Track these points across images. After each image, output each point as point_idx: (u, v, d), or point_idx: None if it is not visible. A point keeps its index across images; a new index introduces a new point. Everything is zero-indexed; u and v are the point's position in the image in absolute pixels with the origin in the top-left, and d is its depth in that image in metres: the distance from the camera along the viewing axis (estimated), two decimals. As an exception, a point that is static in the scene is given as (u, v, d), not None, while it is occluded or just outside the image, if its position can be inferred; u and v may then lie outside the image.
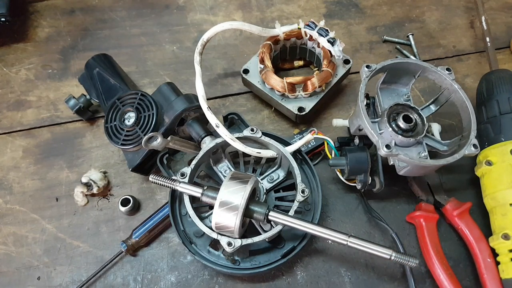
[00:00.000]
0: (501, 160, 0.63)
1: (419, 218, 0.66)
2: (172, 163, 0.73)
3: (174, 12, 0.95)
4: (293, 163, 0.62)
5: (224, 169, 0.67)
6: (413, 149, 0.61)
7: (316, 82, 0.71)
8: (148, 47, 0.90)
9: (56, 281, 0.67)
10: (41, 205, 0.73)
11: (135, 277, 0.67)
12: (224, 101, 0.83)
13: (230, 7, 0.95)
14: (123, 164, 0.76)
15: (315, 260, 0.67)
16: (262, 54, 0.74)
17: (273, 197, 0.66)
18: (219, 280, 0.66)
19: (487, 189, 0.64)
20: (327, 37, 0.72)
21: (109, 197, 0.73)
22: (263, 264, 0.62)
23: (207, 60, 0.87)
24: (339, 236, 0.54)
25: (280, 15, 0.93)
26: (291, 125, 0.79)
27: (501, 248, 0.60)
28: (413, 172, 0.61)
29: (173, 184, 0.59)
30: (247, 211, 0.56)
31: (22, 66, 0.88)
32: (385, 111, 0.62)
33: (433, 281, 0.62)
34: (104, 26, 0.93)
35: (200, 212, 0.62)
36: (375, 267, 0.66)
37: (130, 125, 0.68)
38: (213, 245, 0.63)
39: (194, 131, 0.68)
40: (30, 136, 0.80)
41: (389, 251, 0.53)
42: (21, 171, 0.76)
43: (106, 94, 0.74)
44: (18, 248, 0.69)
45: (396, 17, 0.92)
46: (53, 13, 0.95)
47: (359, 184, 0.65)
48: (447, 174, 0.71)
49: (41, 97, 0.84)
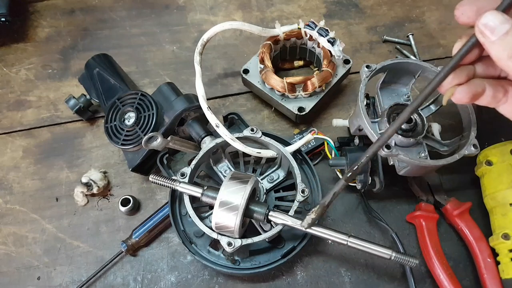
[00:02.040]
0: (501, 160, 0.63)
1: (419, 218, 0.66)
2: (172, 163, 0.73)
3: (174, 12, 0.95)
4: (293, 163, 0.62)
5: (224, 169, 0.67)
6: (413, 149, 0.61)
7: (316, 82, 0.71)
8: (148, 47, 0.90)
9: (56, 281, 0.67)
10: (41, 205, 0.73)
11: (135, 277, 0.67)
12: (224, 101, 0.83)
13: (230, 7, 0.95)
14: (123, 164, 0.76)
15: (315, 260, 0.67)
16: (262, 54, 0.74)
17: (273, 197, 0.66)
18: (219, 280, 0.66)
19: (487, 189, 0.64)
20: (327, 37, 0.72)
21: (109, 197, 0.73)
22: (263, 264, 0.62)
23: (207, 60, 0.87)
24: (339, 236, 0.54)
25: (280, 15, 0.93)
26: (291, 125, 0.79)
27: (501, 248, 0.60)
28: (413, 172, 0.61)
29: (173, 184, 0.59)
30: (247, 211, 0.56)
31: (22, 66, 0.88)
32: (385, 111, 0.62)
33: (433, 281, 0.62)
34: (104, 26, 0.93)
35: (200, 212, 0.62)
36: (375, 267, 0.66)
37: (130, 125, 0.68)
38: (213, 245, 0.63)
39: (194, 131, 0.68)
40: (30, 136, 0.80)
41: (389, 251, 0.53)
42: (21, 171, 0.76)
43: (106, 94, 0.74)
44: (18, 248, 0.69)
45: (396, 17, 0.92)
46: (53, 13, 0.95)
47: (359, 184, 0.65)
48: (447, 174, 0.71)
49: (41, 97, 0.84)
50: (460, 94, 0.42)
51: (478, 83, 0.43)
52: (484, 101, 0.43)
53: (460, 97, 0.42)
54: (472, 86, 0.42)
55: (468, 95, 0.42)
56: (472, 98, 0.42)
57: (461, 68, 0.43)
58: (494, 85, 0.43)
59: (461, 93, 0.42)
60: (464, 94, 0.42)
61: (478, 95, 0.42)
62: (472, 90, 0.42)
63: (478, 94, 0.42)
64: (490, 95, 0.42)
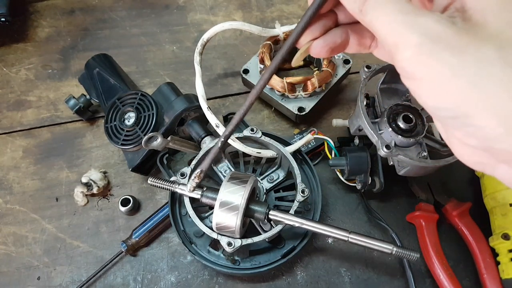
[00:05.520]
0: (501, 160, 0.63)
1: (419, 218, 0.66)
2: (172, 163, 0.73)
3: (174, 12, 0.95)
4: (293, 163, 0.62)
5: (224, 169, 0.67)
6: (413, 149, 0.61)
7: (316, 82, 0.71)
8: (148, 47, 0.90)
9: (56, 281, 0.67)
10: (41, 205, 0.73)
11: (135, 277, 0.67)
12: (224, 101, 0.83)
13: (230, 7, 0.95)
14: (123, 164, 0.76)
15: (315, 260, 0.67)
16: (262, 54, 0.74)
17: (273, 197, 0.66)
18: (219, 280, 0.66)
19: (487, 189, 0.64)
20: (327, 37, 0.72)
21: (109, 197, 0.73)
22: (263, 264, 0.62)
23: (207, 60, 0.87)
24: (339, 232, 0.54)
25: (280, 15, 0.93)
26: (291, 125, 0.79)
27: (501, 248, 0.60)
28: (413, 172, 0.61)
29: (172, 186, 0.59)
30: (248, 210, 0.56)
31: (22, 66, 0.88)
32: (385, 111, 0.62)
33: (433, 281, 0.62)
34: (104, 26, 0.93)
35: (200, 212, 0.62)
36: (375, 267, 0.66)
37: (130, 125, 0.68)
38: (213, 245, 0.63)
39: (194, 131, 0.68)
40: (30, 136, 0.80)
41: (390, 245, 0.53)
42: (21, 171, 0.76)
43: (106, 94, 0.74)
44: (18, 248, 0.69)
45: (396, 17, 0.92)
46: (53, 13, 0.95)
47: (359, 184, 0.65)
48: (447, 174, 0.71)
49: (41, 97, 0.84)
50: (316, 48, 0.37)
51: (337, 32, 0.37)
52: (351, 50, 0.39)
53: (317, 52, 0.38)
54: (329, 37, 0.37)
55: (325, 48, 0.37)
56: (331, 51, 0.38)
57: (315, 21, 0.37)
58: (359, 31, 0.38)
59: (317, 48, 0.37)
60: (320, 48, 0.37)
61: (339, 47, 0.38)
62: (330, 42, 0.37)
63: (339, 45, 0.38)
64: (356, 43, 0.38)
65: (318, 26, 0.37)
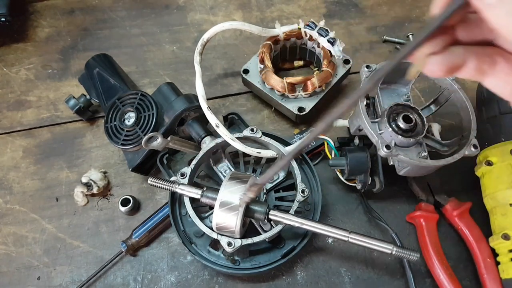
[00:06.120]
0: (501, 160, 0.63)
1: (419, 218, 0.66)
2: (172, 163, 0.73)
3: (174, 12, 0.95)
4: (293, 163, 0.62)
5: (224, 169, 0.67)
6: (413, 149, 0.61)
7: (316, 82, 0.71)
8: (148, 47, 0.90)
9: (56, 281, 0.67)
10: (41, 205, 0.73)
11: (135, 277, 0.67)
12: (224, 101, 0.83)
13: (230, 7, 0.95)
14: (123, 164, 0.76)
15: (315, 260, 0.67)
16: (262, 54, 0.74)
17: (273, 197, 0.66)
18: (219, 280, 0.66)
19: (487, 189, 0.64)
20: (327, 37, 0.72)
21: (109, 197, 0.73)
22: (263, 264, 0.62)
23: (207, 60, 0.87)
24: (339, 232, 0.54)
25: (280, 15, 0.93)
26: (291, 125, 0.79)
27: (501, 248, 0.60)
28: (413, 172, 0.61)
29: (172, 186, 0.59)
30: (248, 210, 0.56)
31: (22, 66, 0.88)
32: (385, 111, 0.62)
33: (433, 281, 0.62)
34: (104, 26, 0.93)
35: (200, 212, 0.62)
36: (375, 267, 0.66)
37: (130, 125, 0.68)
38: (213, 245, 0.63)
39: (194, 131, 0.68)
40: (30, 136, 0.80)
41: (390, 245, 0.53)
42: (21, 171, 0.76)
43: (106, 94, 0.74)
44: (18, 248, 0.69)
45: (396, 17, 0.92)
46: (53, 13, 0.95)
47: (359, 184, 0.65)
48: (447, 174, 0.71)
49: (41, 97, 0.84)
50: (434, 66, 0.32)
51: (458, 52, 0.32)
52: (465, 74, 0.33)
53: (434, 70, 0.33)
54: (450, 57, 0.32)
55: (443, 67, 0.32)
56: (448, 71, 0.33)
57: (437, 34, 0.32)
58: (479, 54, 0.33)
59: (435, 65, 0.32)
60: (438, 66, 0.32)
61: (456, 68, 0.32)
62: (449, 62, 0.32)
63: (457, 67, 0.32)
64: (473, 68, 0.32)
65: (440, 41, 0.32)
